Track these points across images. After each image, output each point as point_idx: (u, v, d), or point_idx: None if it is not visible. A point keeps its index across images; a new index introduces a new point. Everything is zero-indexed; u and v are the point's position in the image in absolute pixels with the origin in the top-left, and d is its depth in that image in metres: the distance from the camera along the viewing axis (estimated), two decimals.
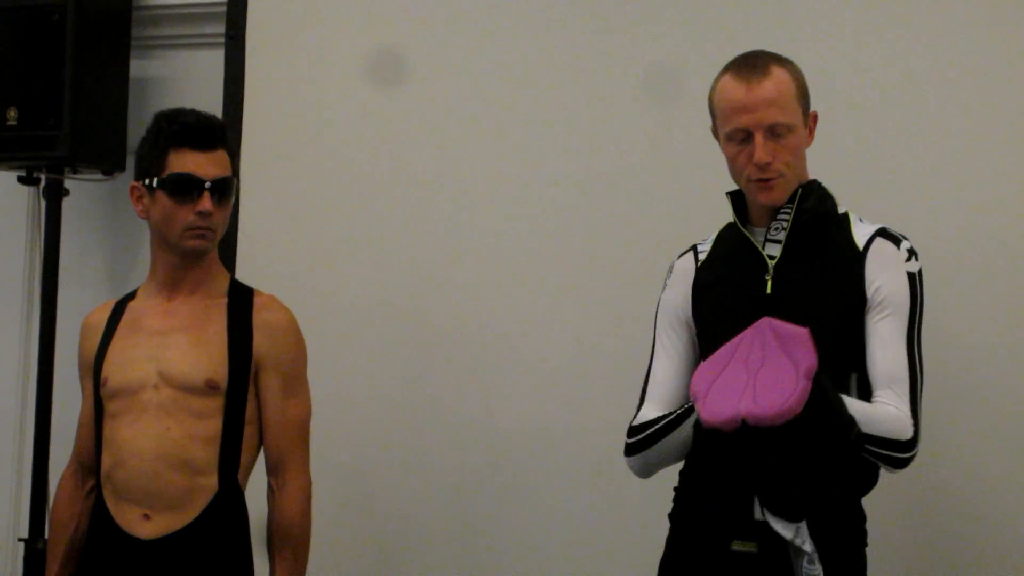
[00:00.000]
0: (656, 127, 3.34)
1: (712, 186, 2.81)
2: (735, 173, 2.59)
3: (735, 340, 2.39)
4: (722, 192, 2.68)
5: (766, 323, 2.36)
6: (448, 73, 3.54)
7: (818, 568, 2.39)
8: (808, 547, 2.39)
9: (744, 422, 2.29)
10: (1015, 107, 3.10)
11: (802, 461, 2.37)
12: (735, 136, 2.55)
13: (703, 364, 2.44)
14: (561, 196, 3.41)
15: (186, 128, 2.78)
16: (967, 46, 3.13)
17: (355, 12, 3.64)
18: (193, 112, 2.81)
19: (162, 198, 2.78)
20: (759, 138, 2.51)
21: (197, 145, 2.77)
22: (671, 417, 2.56)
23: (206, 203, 2.75)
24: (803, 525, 2.41)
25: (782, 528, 2.41)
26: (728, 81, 2.57)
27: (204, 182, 2.76)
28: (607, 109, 3.39)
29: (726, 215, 2.68)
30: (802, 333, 2.31)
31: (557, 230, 3.41)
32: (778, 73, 2.54)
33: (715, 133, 2.64)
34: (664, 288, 2.72)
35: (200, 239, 2.78)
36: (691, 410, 2.49)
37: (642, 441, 2.60)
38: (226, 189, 2.80)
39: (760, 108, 2.51)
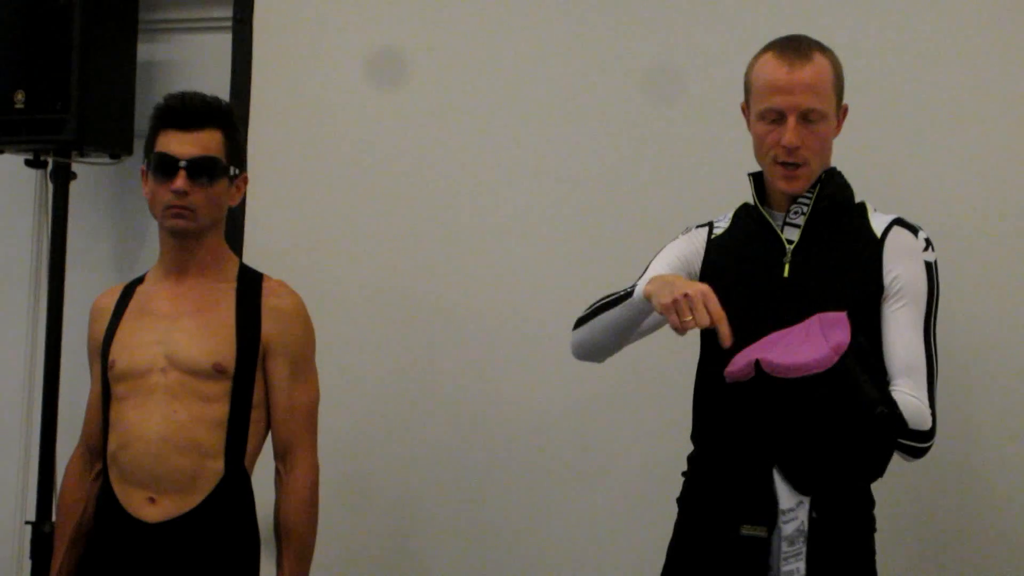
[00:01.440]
0: (656, 124, 3.32)
1: (713, 181, 2.81)
2: (760, 153, 2.58)
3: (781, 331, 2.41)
4: (723, 187, 2.67)
5: (816, 316, 2.37)
6: (455, 58, 3.52)
7: (794, 565, 2.39)
8: (791, 528, 2.38)
9: (759, 369, 2.31)
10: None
11: (817, 428, 2.36)
12: (768, 115, 2.54)
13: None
14: (561, 183, 3.41)
15: (168, 109, 2.80)
16: (980, 36, 3.12)
17: None
18: (183, 94, 2.82)
19: (149, 179, 2.81)
20: (792, 121, 2.51)
21: (177, 125, 2.78)
22: (616, 295, 2.58)
23: (179, 182, 2.75)
24: (805, 503, 2.40)
25: (786, 494, 2.40)
26: (770, 60, 2.55)
27: (178, 161, 2.75)
28: (606, 105, 3.37)
29: (727, 210, 2.68)
30: (840, 316, 2.35)
31: (559, 217, 3.40)
32: (820, 60, 2.54)
33: (744, 110, 2.64)
34: (675, 239, 2.71)
35: (179, 219, 2.78)
36: (631, 293, 2.52)
37: (588, 314, 2.64)
38: (204, 168, 2.77)
39: (798, 91, 2.51)
